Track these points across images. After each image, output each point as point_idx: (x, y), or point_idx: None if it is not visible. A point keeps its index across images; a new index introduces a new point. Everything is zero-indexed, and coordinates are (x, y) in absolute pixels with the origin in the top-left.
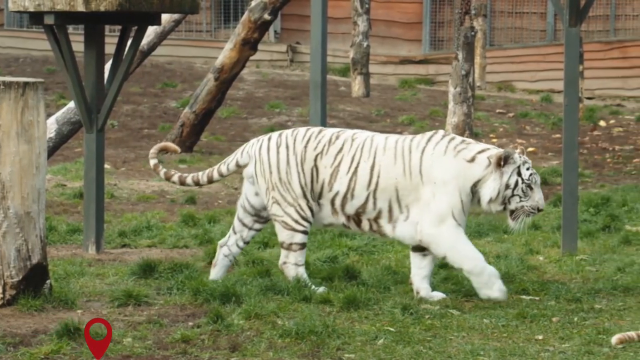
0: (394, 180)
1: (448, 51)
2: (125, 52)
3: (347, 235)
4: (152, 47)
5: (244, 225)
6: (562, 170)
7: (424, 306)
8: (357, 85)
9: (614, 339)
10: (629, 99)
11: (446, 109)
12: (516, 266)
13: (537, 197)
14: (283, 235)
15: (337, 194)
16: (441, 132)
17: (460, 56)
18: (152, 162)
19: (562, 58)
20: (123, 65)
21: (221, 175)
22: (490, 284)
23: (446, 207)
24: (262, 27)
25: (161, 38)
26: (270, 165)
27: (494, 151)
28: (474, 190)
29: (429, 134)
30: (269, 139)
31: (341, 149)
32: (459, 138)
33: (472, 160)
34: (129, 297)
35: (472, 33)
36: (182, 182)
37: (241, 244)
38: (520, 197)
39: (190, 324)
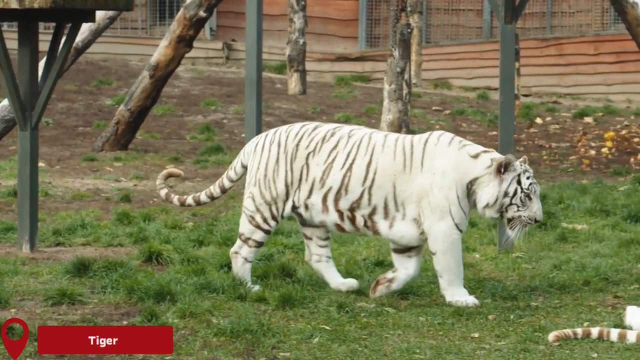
0: (392, 177)
1: (384, 48)
2: (60, 50)
3: (283, 233)
4: (87, 44)
5: (309, 226)
6: None
7: (360, 304)
8: (293, 83)
9: (550, 337)
10: (565, 96)
11: (382, 106)
12: None
13: (536, 207)
14: (245, 227)
15: (329, 189)
16: (441, 130)
17: (396, 53)
18: (163, 192)
19: (498, 55)
20: (57, 62)
21: (231, 180)
22: (455, 303)
23: (444, 200)
24: (197, 25)
25: (96, 35)
26: (260, 162)
27: (497, 155)
28: (470, 188)
29: (430, 131)
30: (266, 135)
31: (336, 145)
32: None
33: (476, 156)
34: (63, 295)
35: (408, 30)
36: (198, 202)
37: (321, 242)
38: (518, 207)
39: (125, 322)
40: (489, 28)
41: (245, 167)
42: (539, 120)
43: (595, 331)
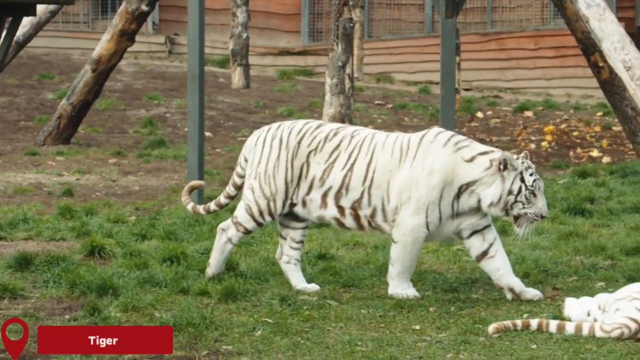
0: (388, 174)
1: (327, 42)
2: (0, 43)
3: None
4: (28, 38)
5: (287, 227)
6: None
7: (302, 297)
8: (236, 77)
9: (490, 328)
10: (506, 90)
11: (325, 100)
12: None
13: (541, 204)
14: (240, 213)
15: (330, 188)
16: (440, 128)
17: (338, 47)
18: (189, 206)
19: (440, 50)
20: None
21: (240, 176)
22: (396, 295)
23: (424, 198)
24: (139, 18)
25: (37, 29)
26: (261, 157)
27: (497, 155)
28: (463, 191)
29: (431, 128)
30: (268, 130)
31: (338, 145)
32: (463, 137)
33: (471, 160)
34: (4, 290)
35: (351, 24)
36: (220, 206)
37: (295, 244)
38: (524, 204)
39: (67, 316)
40: (431, 22)
41: (247, 160)
42: (480, 114)
43: (534, 323)
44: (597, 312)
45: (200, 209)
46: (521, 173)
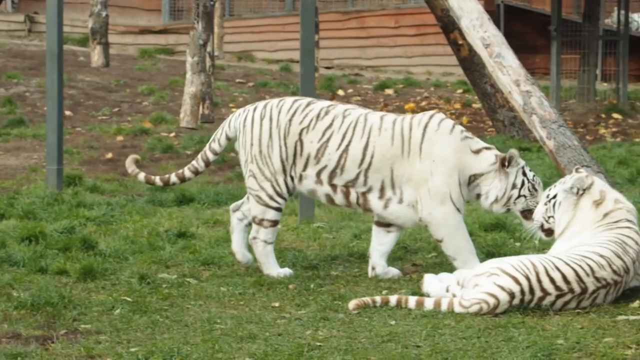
0: (390, 161)
1: (188, 21)
2: None
3: (85, 205)
4: None
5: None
6: None
7: (162, 275)
8: (95, 55)
9: (349, 305)
10: (366, 69)
11: (185, 78)
12: None
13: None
14: (256, 209)
15: (325, 167)
16: (442, 114)
17: (198, 26)
18: (141, 176)
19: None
20: None
21: (215, 153)
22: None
23: (444, 187)
24: None
25: None
26: (252, 138)
27: (498, 152)
28: (473, 181)
29: (430, 112)
30: (254, 109)
31: (331, 125)
32: (462, 127)
33: (478, 152)
34: None
35: (211, 3)
36: (182, 179)
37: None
38: (526, 198)
39: None
40: (292, 1)
41: (229, 139)
42: (341, 92)
43: (393, 299)
44: (456, 288)
45: (157, 179)
46: (522, 168)
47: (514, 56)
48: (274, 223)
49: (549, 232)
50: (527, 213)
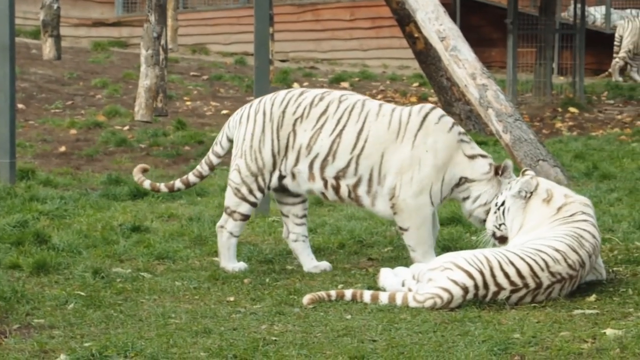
0: (382, 146)
1: (141, 14)
2: None
3: (38, 199)
4: None
5: (286, 204)
6: None
7: (116, 270)
8: (47, 48)
9: (304, 299)
10: (322, 61)
11: (140, 71)
12: (209, 228)
13: None
14: (231, 200)
15: (317, 156)
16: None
17: (152, 19)
18: (147, 183)
19: None
20: None
21: (218, 156)
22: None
23: (428, 179)
24: None
25: None
26: (245, 133)
27: (491, 160)
28: (462, 184)
29: (431, 105)
30: (250, 106)
31: (325, 110)
32: (462, 129)
33: (472, 157)
34: None
35: None
36: (187, 184)
37: (298, 221)
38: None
39: None
40: None
41: (231, 141)
42: (296, 85)
43: (349, 293)
44: (411, 282)
45: (162, 186)
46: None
47: (470, 49)
48: (245, 217)
49: (502, 239)
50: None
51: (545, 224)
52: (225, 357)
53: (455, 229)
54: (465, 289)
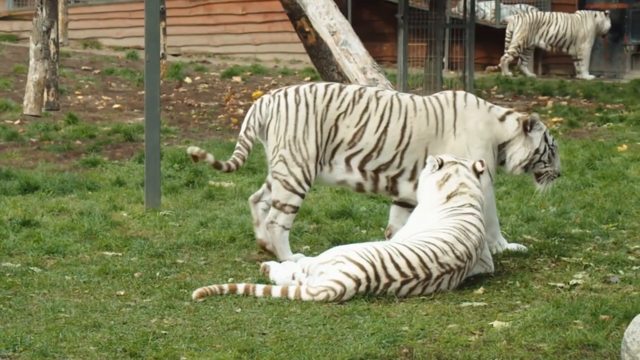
0: (425, 141)
1: (32, 8)
2: None
3: None
4: None
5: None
6: (145, 127)
7: (5, 264)
8: None
9: (194, 293)
10: (214, 56)
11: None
12: (99, 222)
13: (558, 162)
14: (280, 194)
15: (360, 151)
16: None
17: (42, 12)
18: (209, 157)
19: None
20: None
21: (252, 140)
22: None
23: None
24: None
25: None
26: (288, 123)
27: (519, 114)
28: (502, 149)
29: (450, 91)
30: (286, 95)
31: (367, 107)
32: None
33: (503, 119)
34: None
35: None
36: (237, 166)
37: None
38: (545, 163)
39: None
40: None
41: (262, 126)
42: (188, 80)
43: (241, 287)
44: (301, 276)
45: (224, 165)
46: (545, 133)
47: (361, 44)
48: (296, 209)
49: None
50: (539, 176)
51: (435, 212)
52: (114, 351)
53: (345, 222)
54: (358, 281)
